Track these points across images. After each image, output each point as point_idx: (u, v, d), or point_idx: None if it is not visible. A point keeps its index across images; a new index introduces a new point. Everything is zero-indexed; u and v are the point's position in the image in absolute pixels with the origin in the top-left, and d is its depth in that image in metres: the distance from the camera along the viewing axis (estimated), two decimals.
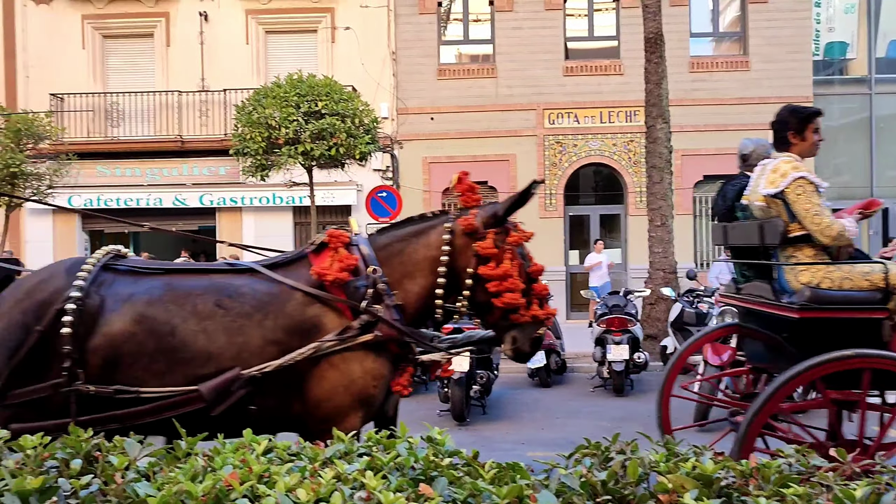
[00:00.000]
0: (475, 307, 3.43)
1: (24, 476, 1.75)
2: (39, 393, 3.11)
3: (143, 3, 17.99)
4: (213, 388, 3.08)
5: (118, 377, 3.12)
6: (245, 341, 3.16)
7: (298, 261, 3.43)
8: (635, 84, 15.94)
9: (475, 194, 3.58)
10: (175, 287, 3.27)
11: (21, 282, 3.39)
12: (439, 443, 2.13)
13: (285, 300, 3.25)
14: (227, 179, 17.55)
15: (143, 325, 3.14)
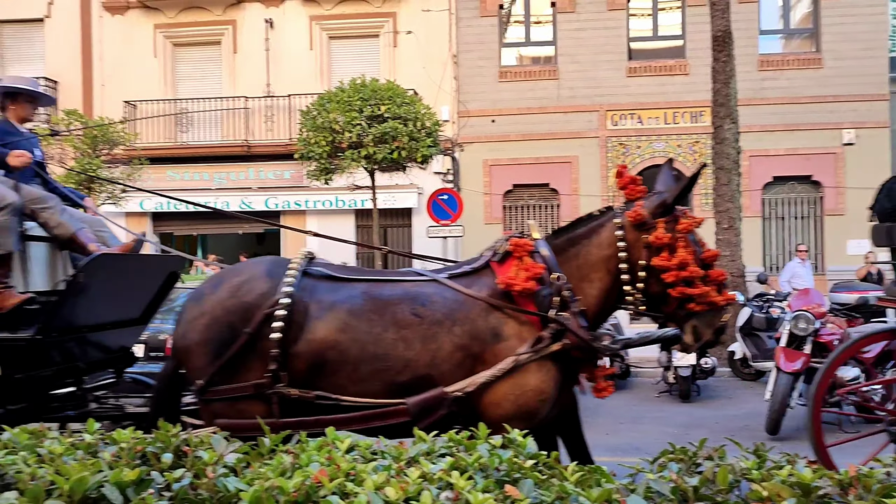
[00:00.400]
0: (650, 299, 3.38)
1: (121, 468, 1.80)
2: (240, 392, 3.21)
3: (211, 11, 18.46)
4: (419, 403, 3.13)
5: (320, 383, 3.21)
6: (437, 347, 3.21)
7: (481, 270, 3.45)
8: (701, 84, 15.62)
9: (638, 186, 3.57)
10: (374, 296, 3.33)
11: (218, 279, 3.48)
12: (520, 445, 2.11)
13: (471, 309, 3.27)
14: (292, 183, 17.85)
15: (347, 333, 3.22)
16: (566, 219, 17.15)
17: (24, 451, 1.99)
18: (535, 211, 17.59)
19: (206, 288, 3.46)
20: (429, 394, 3.14)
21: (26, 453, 1.97)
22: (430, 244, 14.83)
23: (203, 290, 3.45)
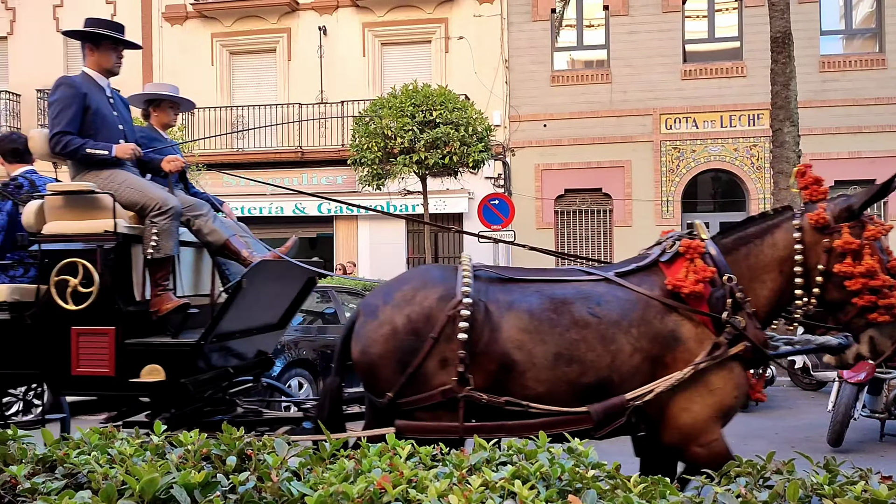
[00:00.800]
0: (825, 306, 3.29)
1: (188, 470, 1.84)
2: (429, 400, 3.21)
3: (266, 20, 18.80)
4: (602, 410, 3.12)
5: (507, 385, 3.20)
6: (617, 349, 3.18)
7: (649, 269, 3.40)
8: (759, 86, 15.31)
9: (821, 187, 3.47)
10: (548, 295, 3.31)
11: (385, 291, 3.47)
12: (583, 454, 2.09)
13: (645, 309, 3.24)
14: (345, 188, 18.04)
15: (531, 333, 3.21)
16: (618, 224, 16.97)
17: (95, 452, 2.05)
18: (587, 216, 17.43)
19: (375, 301, 3.43)
20: (611, 401, 3.11)
21: (98, 453, 2.03)
22: (481, 249, 14.81)
23: (374, 303, 3.41)
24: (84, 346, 3.84)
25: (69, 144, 4.03)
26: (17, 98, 19.56)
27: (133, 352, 3.83)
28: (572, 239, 17.22)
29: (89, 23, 4.46)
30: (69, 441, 2.15)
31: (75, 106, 4.11)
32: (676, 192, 16.93)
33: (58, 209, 4.00)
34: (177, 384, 3.82)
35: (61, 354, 3.85)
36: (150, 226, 3.98)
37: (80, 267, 3.83)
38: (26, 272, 4.25)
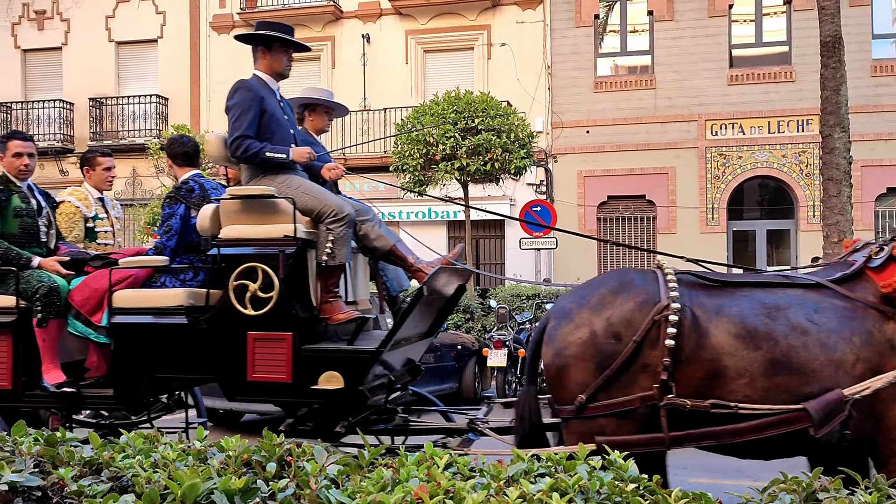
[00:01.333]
0: None
1: (229, 476, 1.86)
2: (625, 406, 3.13)
3: (311, 28, 19.04)
4: (820, 407, 2.99)
5: (715, 392, 3.09)
6: (841, 359, 3.09)
7: (857, 277, 3.29)
8: (808, 91, 15.00)
9: None
10: (759, 300, 3.22)
11: (580, 294, 3.42)
12: (622, 468, 2.06)
13: (863, 317, 3.15)
14: (386, 194, 18.13)
15: (744, 339, 3.11)
16: (662, 232, 16.76)
17: (140, 456, 2.09)
18: (631, 223, 17.25)
19: (568, 304, 3.37)
20: (828, 396, 2.98)
21: (142, 458, 2.07)
22: (523, 256, 14.76)
23: (567, 307, 3.35)
24: (260, 351, 3.82)
25: (249, 148, 4.01)
26: (71, 107, 20.13)
27: (310, 358, 3.81)
28: (615, 246, 17.05)
29: (261, 26, 4.47)
30: (115, 445, 2.20)
31: (254, 110, 4.10)
32: (722, 199, 16.65)
33: (234, 213, 3.98)
34: (355, 392, 3.79)
35: (237, 360, 3.84)
36: (325, 232, 3.95)
37: (260, 272, 3.81)
38: (195, 276, 4.25)
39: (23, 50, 20.74)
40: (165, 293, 4.07)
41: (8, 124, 20.23)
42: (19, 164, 4.49)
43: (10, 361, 4.18)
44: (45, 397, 4.23)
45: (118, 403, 4.17)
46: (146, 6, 19.96)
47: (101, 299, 4.14)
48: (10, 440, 2.23)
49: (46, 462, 2.06)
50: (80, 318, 4.18)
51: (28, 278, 4.22)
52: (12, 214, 4.40)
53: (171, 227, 4.34)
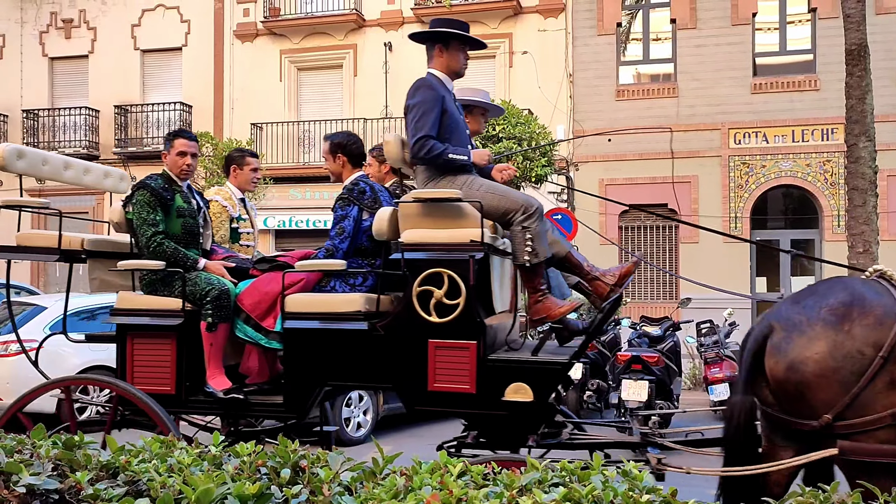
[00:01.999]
0: None
1: (243, 482, 1.87)
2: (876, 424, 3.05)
3: (333, 36, 19.18)
4: None
5: None
6: None
7: None
8: (833, 100, 14.83)
9: None
10: None
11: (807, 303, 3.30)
12: (636, 478, 2.05)
13: None
14: None
15: None
16: (684, 241, 16.65)
17: (155, 460, 2.10)
18: (652, 232, 17.15)
19: (796, 315, 3.26)
20: None
21: (157, 462, 2.09)
22: None
23: (795, 318, 3.25)
24: (442, 360, 3.69)
25: (433, 149, 3.85)
26: (96, 114, 20.41)
27: (496, 368, 3.66)
28: (636, 255, 16.95)
29: (437, 23, 4.28)
30: (131, 449, 2.22)
31: (436, 109, 3.93)
32: (745, 208, 16.51)
33: (414, 217, 3.82)
34: (544, 405, 3.67)
35: (416, 368, 3.72)
36: (521, 231, 3.79)
37: (446, 277, 3.66)
38: (365, 280, 4.13)
39: (50, 58, 21.08)
40: (342, 298, 3.96)
41: (35, 131, 20.56)
42: (182, 164, 4.41)
43: (173, 365, 4.08)
44: (210, 403, 4.15)
45: (288, 411, 4.01)
46: (171, 15, 20.22)
47: (273, 303, 4.04)
48: (30, 443, 2.25)
49: (64, 465, 2.08)
50: (251, 322, 4.10)
51: (196, 281, 4.13)
52: (175, 214, 4.32)
53: (344, 229, 4.17)
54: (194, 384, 4.16)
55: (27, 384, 8.31)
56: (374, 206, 4.20)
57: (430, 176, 3.97)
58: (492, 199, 3.84)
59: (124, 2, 20.50)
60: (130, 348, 4.18)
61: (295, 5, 19.41)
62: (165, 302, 4.16)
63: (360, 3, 18.95)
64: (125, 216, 4.38)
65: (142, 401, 3.96)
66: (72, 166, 4.88)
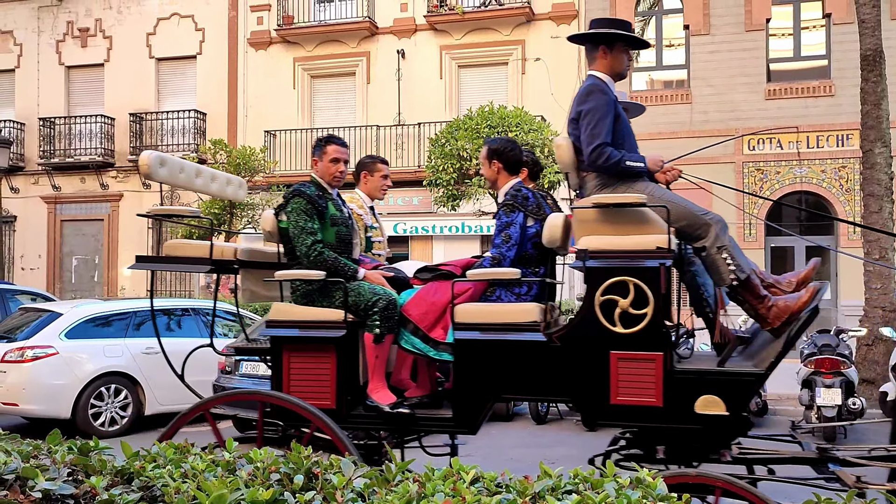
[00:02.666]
0: None
1: (256, 487, 1.88)
2: None
3: (346, 44, 19.26)
4: None
5: None
6: None
7: None
8: (848, 106, 14.77)
9: None
10: None
11: None
12: (650, 486, 2.04)
13: None
14: (420, 209, 18.22)
15: None
16: None
17: (170, 466, 2.11)
18: None
19: None
20: None
21: (172, 468, 2.10)
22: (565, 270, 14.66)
23: None
24: (625, 372, 3.52)
25: (611, 157, 3.71)
26: (112, 122, 20.59)
27: (684, 380, 3.48)
28: None
29: (599, 24, 4.10)
30: (146, 455, 2.23)
31: (610, 115, 3.79)
32: (760, 214, 16.41)
33: (592, 223, 3.68)
34: (739, 417, 3.46)
35: (598, 381, 3.55)
36: (717, 252, 3.64)
37: (632, 286, 3.50)
38: (530, 290, 3.98)
39: (66, 66, 21.30)
40: (516, 308, 3.80)
41: (52, 139, 20.76)
42: (335, 170, 4.27)
43: (334, 379, 3.91)
44: (373, 418, 3.96)
45: (458, 426, 3.85)
46: (186, 23, 20.39)
47: (441, 314, 3.89)
48: (45, 448, 2.27)
49: (79, 471, 2.09)
50: (418, 333, 3.93)
51: (359, 291, 3.96)
52: (329, 223, 4.14)
53: (511, 236, 4.00)
54: (356, 399, 4.00)
55: (43, 390, 8.42)
56: (539, 213, 4.11)
57: (604, 183, 3.82)
58: (674, 207, 3.67)
59: (139, 10, 20.70)
60: (287, 361, 4.01)
61: (308, 13, 19.54)
62: (325, 313, 3.97)
63: (373, 11, 19.04)
64: (277, 225, 4.22)
65: (317, 417, 3.74)
66: (202, 174, 4.73)
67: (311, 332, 3.96)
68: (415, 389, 4.20)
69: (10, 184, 20.69)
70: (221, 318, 10.32)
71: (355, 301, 3.94)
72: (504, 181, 4.27)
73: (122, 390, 8.83)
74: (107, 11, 21.00)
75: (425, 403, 4.08)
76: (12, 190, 20.94)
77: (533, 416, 9.76)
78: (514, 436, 8.97)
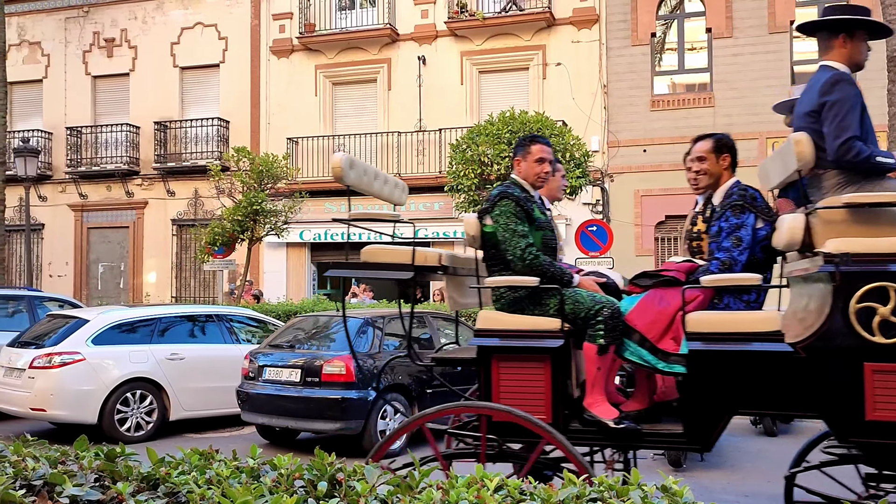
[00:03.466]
0: None
1: (280, 494, 1.88)
2: None
3: (368, 51, 19.36)
4: None
5: None
6: None
7: None
8: (875, 108, 14.50)
9: None
10: None
11: None
12: (676, 493, 2.01)
13: None
14: (441, 214, 18.23)
15: None
16: None
17: (195, 472, 2.12)
18: None
19: None
20: None
21: (196, 474, 2.11)
22: None
23: None
24: (883, 386, 3.26)
25: (860, 152, 3.49)
26: (137, 130, 20.84)
27: None
28: None
29: (835, 10, 3.82)
30: (171, 461, 2.25)
31: (858, 107, 3.57)
32: None
33: (840, 224, 3.45)
34: None
35: (851, 395, 3.30)
36: None
37: (893, 293, 3.25)
38: (758, 297, 3.75)
39: (93, 76, 21.61)
40: (756, 316, 3.57)
41: (78, 148, 21.06)
42: (541, 171, 4.05)
43: (549, 391, 3.69)
44: (594, 433, 3.74)
45: (691, 442, 3.61)
46: (209, 32, 20.61)
47: (669, 323, 3.66)
48: (73, 454, 2.29)
49: (106, 476, 2.11)
50: (646, 344, 3.67)
51: (577, 298, 3.74)
52: (535, 227, 3.94)
53: (742, 239, 3.73)
54: (572, 412, 3.80)
55: (70, 396, 8.52)
56: (770, 214, 3.84)
57: (847, 181, 3.60)
58: None
59: (164, 21, 20.96)
60: (497, 371, 3.77)
61: (330, 21, 19.66)
62: (540, 322, 3.77)
63: (393, 18, 19.12)
64: (481, 229, 4.01)
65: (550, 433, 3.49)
66: (378, 177, 4.57)
67: (525, 342, 3.78)
68: (631, 402, 3.96)
69: (38, 192, 21.00)
70: (245, 324, 10.40)
71: (573, 309, 3.72)
72: (727, 178, 4.04)
73: (147, 396, 8.91)
74: (132, 22, 21.28)
75: (643, 417, 3.87)
76: (40, 198, 21.26)
77: None
78: None
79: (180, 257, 20.61)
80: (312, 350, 8.51)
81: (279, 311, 13.17)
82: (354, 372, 7.86)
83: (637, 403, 3.95)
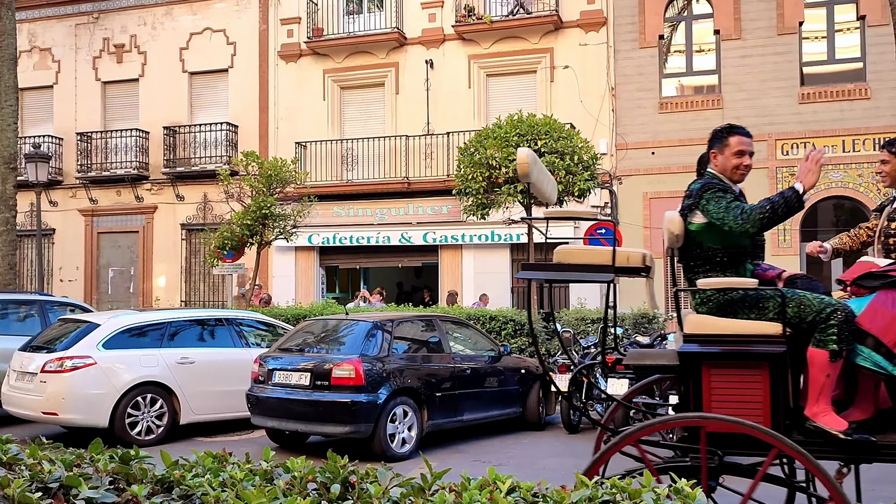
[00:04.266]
0: None
1: (294, 497, 1.89)
2: None
3: (375, 55, 19.40)
4: None
5: None
6: None
7: None
8: (885, 108, 14.54)
9: None
10: None
11: None
12: (689, 496, 2.01)
13: None
14: (450, 218, 18.25)
15: None
16: None
17: (209, 475, 2.14)
18: None
19: None
20: None
21: (211, 476, 2.12)
22: None
23: None
24: None
25: None
26: (146, 135, 20.94)
27: None
28: None
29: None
30: (185, 464, 2.26)
31: None
32: (795, 220, 16.18)
33: None
34: None
35: None
36: None
37: None
38: None
39: (103, 82, 21.74)
40: None
41: (88, 153, 21.18)
42: (741, 164, 3.78)
43: (768, 400, 3.45)
44: (822, 445, 3.44)
45: None
46: (218, 37, 20.70)
47: None
48: (88, 457, 2.31)
49: (121, 479, 2.13)
50: (881, 350, 3.40)
51: (803, 301, 3.49)
52: None
53: None
54: (794, 422, 3.56)
55: (81, 399, 8.56)
56: None
57: None
58: None
59: (173, 26, 21.07)
60: (708, 379, 3.54)
61: (338, 25, 19.73)
62: (758, 326, 3.54)
63: (401, 22, 19.16)
64: (686, 228, 3.78)
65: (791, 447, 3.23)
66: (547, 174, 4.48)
67: (742, 348, 3.54)
68: (853, 411, 3.69)
69: (48, 197, 21.12)
70: (254, 328, 10.43)
71: (798, 312, 3.48)
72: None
73: (157, 400, 8.95)
74: (141, 28, 21.41)
75: (868, 427, 3.59)
76: (51, 203, 21.38)
77: (565, 425, 9.69)
78: (547, 445, 8.92)
79: (190, 261, 20.69)
80: (322, 353, 8.52)
81: (288, 315, 13.20)
82: (363, 375, 7.88)
83: (860, 413, 3.66)
